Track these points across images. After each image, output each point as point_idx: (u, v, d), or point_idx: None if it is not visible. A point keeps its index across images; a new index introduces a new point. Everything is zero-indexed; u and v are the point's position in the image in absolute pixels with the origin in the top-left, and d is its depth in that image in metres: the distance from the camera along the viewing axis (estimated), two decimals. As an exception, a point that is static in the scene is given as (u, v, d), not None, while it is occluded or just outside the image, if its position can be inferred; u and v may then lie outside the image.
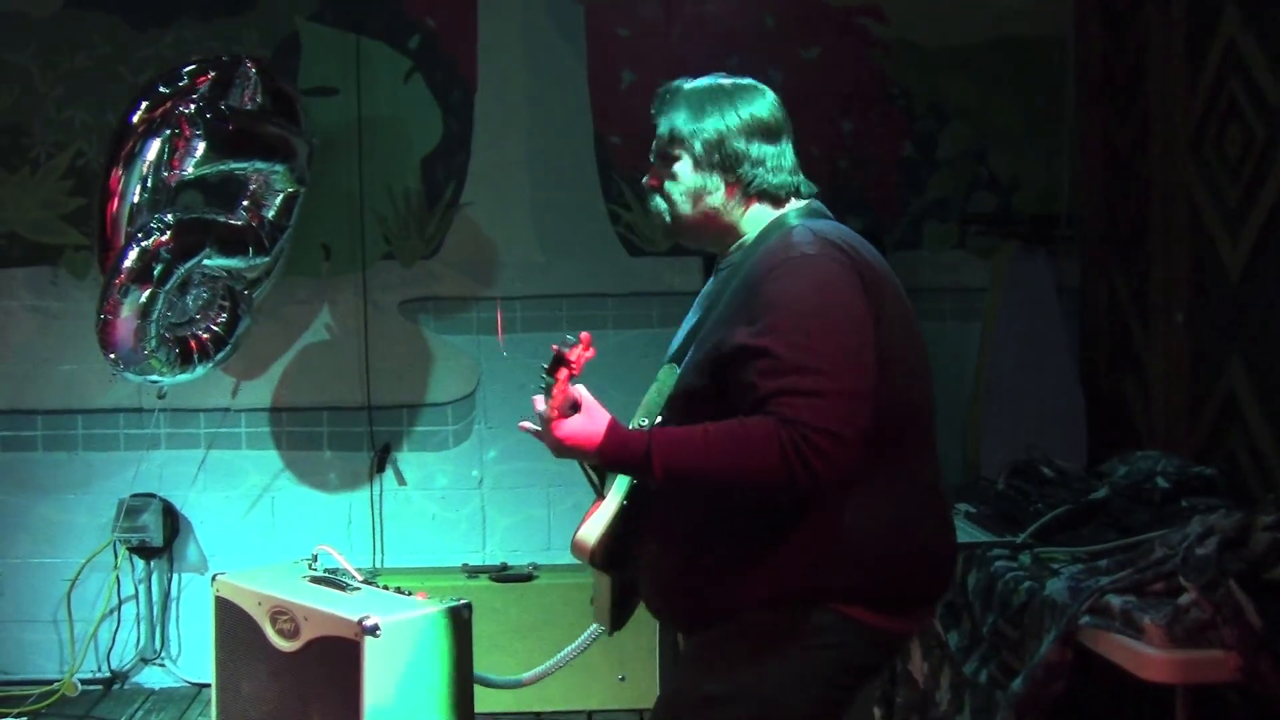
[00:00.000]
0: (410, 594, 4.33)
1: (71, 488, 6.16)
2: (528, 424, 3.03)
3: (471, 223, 6.17)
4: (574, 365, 2.88)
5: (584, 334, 2.93)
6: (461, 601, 4.27)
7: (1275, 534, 3.35)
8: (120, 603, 6.16)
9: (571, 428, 2.89)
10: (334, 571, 4.55)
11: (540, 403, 2.92)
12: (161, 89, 5.35)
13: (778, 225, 3.07)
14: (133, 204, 5.25)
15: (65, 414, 6.16)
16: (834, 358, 2.76)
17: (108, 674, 6.14)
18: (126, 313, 5.11)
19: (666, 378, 3.08)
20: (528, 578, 5.76)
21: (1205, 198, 5.03)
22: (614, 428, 2.89)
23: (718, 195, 3.10)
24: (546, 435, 2.92)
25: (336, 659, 4.06)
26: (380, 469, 6.17)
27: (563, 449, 2.91)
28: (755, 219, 3.11)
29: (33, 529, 6.18)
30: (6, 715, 5.71)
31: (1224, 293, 4.94)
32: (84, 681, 6.07)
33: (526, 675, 4.97)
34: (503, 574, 5.80)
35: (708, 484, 2.85)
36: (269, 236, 5.56)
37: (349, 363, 6.19)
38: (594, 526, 3.04)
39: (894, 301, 2.98)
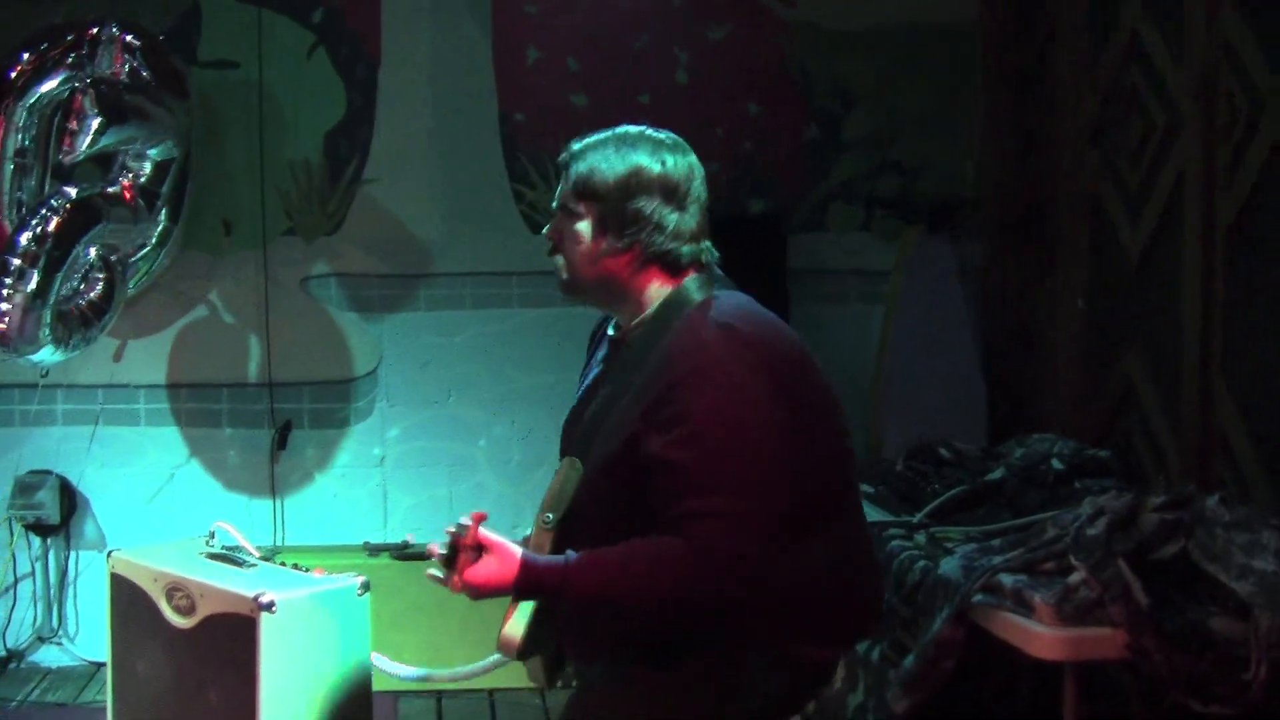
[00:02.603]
0: (308, 571, 4.30)
1: (-30, 464, 6.08)
2: (433, 572, 2.98)
3: (374, 199, 6.13)
4: (470, 548, 2.86)
5: (476, 513, 2.89)
6: (359, 578, 4.24)
7: (1163, 515, 3.40)
8: (16, 581, 6.07)
9: (484, 572, 2.84)
10: (231, 548, 4.51)
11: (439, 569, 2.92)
12: (25, 55, 5.28)
13: (678, 304, 2.96)
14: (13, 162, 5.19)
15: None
16: (747, 475, 2.73)
17: (3, 653, 6.04)
18: (20, 298, 5.03)
19: (570, 472, 2.97)
20: (428, 556, 5.71)
21: (1106, 185, 5.10)
22: (525, 566, 2.83)
23: (617, 259, 2.98)
24: (457, 585, 2.89)
25: (233, 636, 4.01)
26: (281, 446, 6.12)
27: (479, 593, 2.88)
28: (655, 290, 2.99)
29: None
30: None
31: (1123, 279, 5.00)
32: (-23, 660, 5.99)
33: (425, 672, 4.94)
34: (404, 552, 5.77)
35: (623, 610, 2.82)
36: (147, 203, 5.47)
37: (250, 339, 6.13)
38: (518, 622, 2.98)
39: (807, 383, 2.93)
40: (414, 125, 6.15)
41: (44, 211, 5.07)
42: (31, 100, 5.24)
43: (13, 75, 5.25)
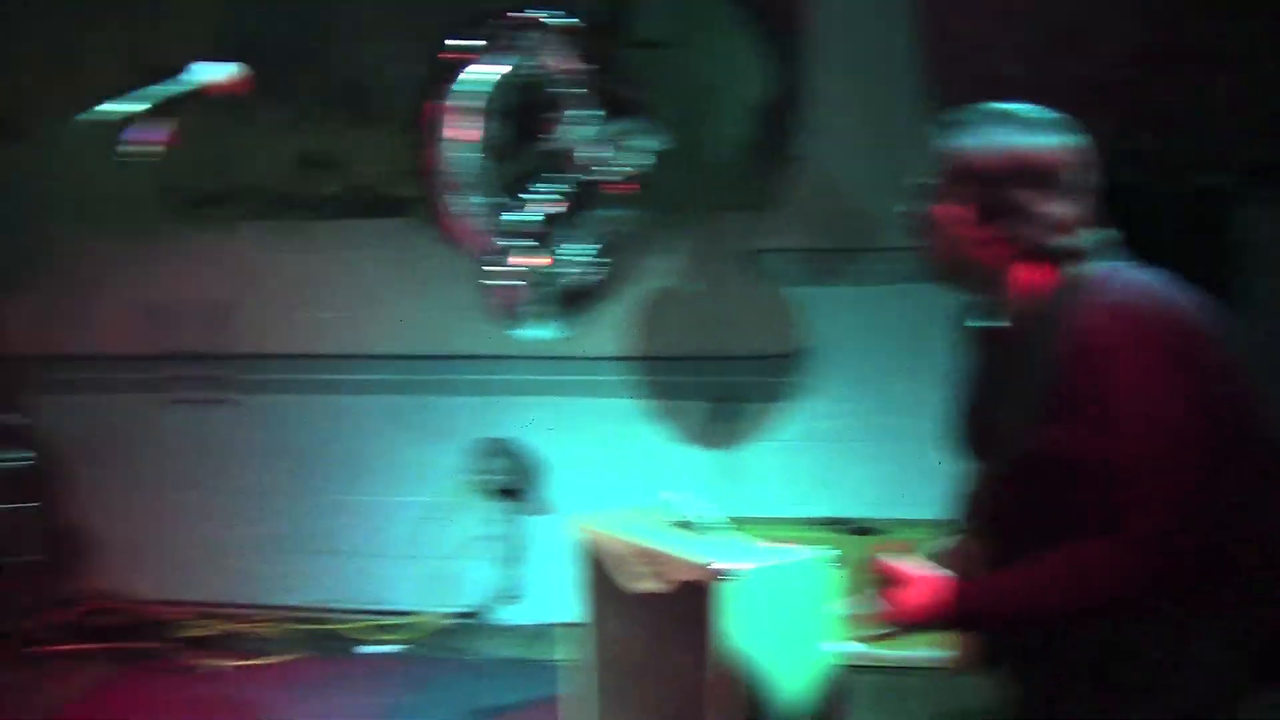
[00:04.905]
0: (772, 543, 4.35)
1: (434, 431, 6.40)
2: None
3: (810, 175, 6.14)
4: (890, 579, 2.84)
5: (899, 542, 2.92)
6: (830, 552, 4.26)
7: None
8: (479, 542, 6.39)
9: (916, 601, 2.82)
10: (691, 518, 4.62)
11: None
12: (472, 41, 5.46)
13: (1070, 288, 2.80)
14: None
15: (434, 359, 6.40)
16: (1172, 458, 2.62)
17: (466, 609, 6.40)
18: (520, 274, 5.30)
19: (985, 478, 2.91)
20: (876, 531, 5.74)
21: None
22: (961, 593, 2.79)
23: (989, 248, 2.86)
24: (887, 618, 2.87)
25: (695, 603, 4.12)
26: (726, 418, 6.23)
27: (910, 623, 2.84)
28: (1034, 279, 2.85)
29: (400, 469, 6.46)
30: (382, 642, 6.09)
31: None
32: (443, 615, 6.36)
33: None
34: (850, 527, 5.80)
35: (1055, 617, 2.76)
36: (637, 193, 5.64)
37: (693, 312, 6.25)
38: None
39: (1205, 352, 2.74)
40: (844, 99, 6.11)
41: (539, 195, 5.31)
42: (482, 86, 5.45)
43: (460, 61, 5.45)
